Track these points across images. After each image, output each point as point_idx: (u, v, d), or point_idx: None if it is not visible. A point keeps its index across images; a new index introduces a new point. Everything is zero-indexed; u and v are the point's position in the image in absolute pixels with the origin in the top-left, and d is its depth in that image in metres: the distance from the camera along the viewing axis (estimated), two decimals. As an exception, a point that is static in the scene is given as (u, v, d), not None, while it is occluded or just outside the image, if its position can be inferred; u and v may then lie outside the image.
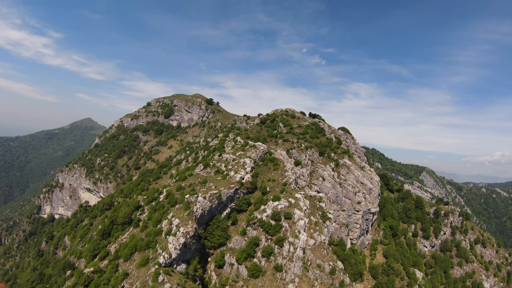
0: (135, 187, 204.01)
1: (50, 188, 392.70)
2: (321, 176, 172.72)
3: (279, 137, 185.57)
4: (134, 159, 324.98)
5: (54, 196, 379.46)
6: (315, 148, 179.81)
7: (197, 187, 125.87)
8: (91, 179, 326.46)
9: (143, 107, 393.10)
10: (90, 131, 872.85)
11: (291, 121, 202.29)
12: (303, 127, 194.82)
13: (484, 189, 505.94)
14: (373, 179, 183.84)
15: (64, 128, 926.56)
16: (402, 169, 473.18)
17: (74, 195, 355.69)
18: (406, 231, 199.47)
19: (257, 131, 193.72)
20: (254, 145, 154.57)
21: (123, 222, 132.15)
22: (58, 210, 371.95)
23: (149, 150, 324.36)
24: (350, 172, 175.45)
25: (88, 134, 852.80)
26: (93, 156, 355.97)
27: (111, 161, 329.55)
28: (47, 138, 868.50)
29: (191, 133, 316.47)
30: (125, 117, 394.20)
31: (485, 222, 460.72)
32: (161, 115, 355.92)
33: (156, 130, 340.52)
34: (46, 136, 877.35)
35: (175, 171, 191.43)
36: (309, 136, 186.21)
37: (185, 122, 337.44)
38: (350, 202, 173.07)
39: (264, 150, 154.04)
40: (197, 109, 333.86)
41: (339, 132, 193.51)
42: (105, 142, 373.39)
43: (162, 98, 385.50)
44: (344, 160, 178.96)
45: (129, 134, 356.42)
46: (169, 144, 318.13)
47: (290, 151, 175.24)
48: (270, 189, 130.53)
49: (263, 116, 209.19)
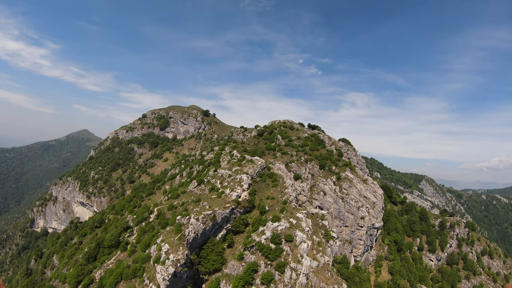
0: (127, 203, 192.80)
1: (44, 201, 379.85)
2: (322, 191, 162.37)
3: (277, 150, 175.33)
4: (128, 172, 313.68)
5: (48, 210, 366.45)
6: (315, 161, 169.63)
7: (190, 207, 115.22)
8: (85, 193, 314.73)
9: (139, 119, 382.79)
10: (87, 142, 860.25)
11: (289, 133, 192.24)
12: (302, 139, 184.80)
13: (484, 196, 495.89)
14: (376, 192, 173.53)
15: (60, 140, 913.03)
16: (402, 178, 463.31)
17: (67, 209, 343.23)
18: (411, 245, 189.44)
19: (254, 144, 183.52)
20: (251, 160, 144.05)
21: (110, 245, 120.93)
22: (51, 224, 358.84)
23: (144, 163, 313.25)
24: (353, 185, 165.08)
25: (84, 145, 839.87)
26: (87, 169, 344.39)
27: (105, 175, 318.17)
28: (43, 149, 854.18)
29: (187, 145, 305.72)
30: (120, 129, 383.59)
31: (486, 229, 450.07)
32: (156, 127, 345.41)
33: (151, 142, 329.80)
34: (42, 147, 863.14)
35: (169, 186, 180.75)
36: (308, 148, 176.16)
37: (181, 134, 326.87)
38: (353, 217, 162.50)
39: (262, 165, 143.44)
40: (193, 121, 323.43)
41: (340, 144, 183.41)
42: (100, 155, 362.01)
43: (158, 109, 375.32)
44: (346, 173, 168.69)
45: (124, 146, 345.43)
46: (165, 157, 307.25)
47: (289, 165, 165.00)
48: (269, 208, 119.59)
49: (260, 128, 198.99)
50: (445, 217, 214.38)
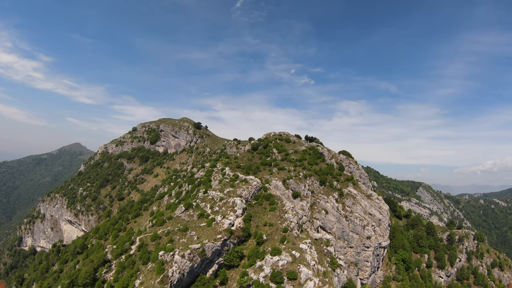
0: (112, 226, 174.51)
1: (31, 218, 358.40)
2: (324, 209, 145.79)
3: (273, 165, 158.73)
4: (117, 188, 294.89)
5: (36, 228, 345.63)
6: (315, 177, 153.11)
7: (176, 237, 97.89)
8: (73, 210, 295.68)
9: (129, 132, 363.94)
10: (79, 156, 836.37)
11: (285, 146, 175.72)
12: (299, 153, 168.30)
13: (482, 201, 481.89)
14: (382, 209, 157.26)
15: (52, 153, 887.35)
16: (399, 186, 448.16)
17: (55, 227, 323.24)
18: (420, 262, 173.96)
19: (248, 159, 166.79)
20: (245, 180, 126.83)
21: (85, 283, 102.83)
22: (39, 242, 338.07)
23: (134, 179, 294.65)
24: (357, 202, 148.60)
25: (76, 159, 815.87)
26: (76, 185, 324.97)
27: (93, 191, 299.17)
28: (34, 163, 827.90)
29: (178, 159, 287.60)
30: (110, 144, 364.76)
31: (486, 234, 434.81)
32: (147, 140, 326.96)
33: (141, 157, 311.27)
34: (34, 161, 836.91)
35: (156, 207, 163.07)
36: (307, 162, 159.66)
37: (172, 148, 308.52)
38: (358, 237, 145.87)
39: (258, 186, 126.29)
40: (185, 134, 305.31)
41: (341, 157, 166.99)
42: (89, 170, 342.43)
43: (148, 122, 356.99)
44: (349, 188, 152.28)
45: (113, 161, 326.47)
46: (155, 172, 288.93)
47: (287, 181, 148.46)
48: (268, 236, 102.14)
49: (254, 141, 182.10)
50: (453, 230, 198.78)
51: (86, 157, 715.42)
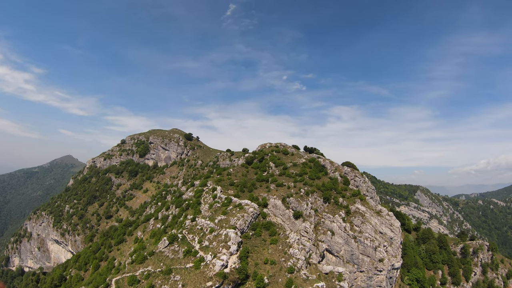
0: (93, 254, 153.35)
1: (18, 237, 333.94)
2: (330, 230, 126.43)
3: (271, 181, 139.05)
4: (105, 205, 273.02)
5: (23, 247, 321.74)
6: (317, 193, 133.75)
7: (157, 281, 77.82)
8: (59, 230, 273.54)
9: (117, 145, 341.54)
10: (71, 169, 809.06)
11: (283, 159, 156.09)
12: (299, 166, 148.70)
13: (481, 201, 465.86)
14: (393, 226, 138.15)
15: (43, 167, 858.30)
16: (396, 191, 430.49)
17: (42, 246, 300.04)
18: (434, 280, 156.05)
19: (242, 174, 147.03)
20: (240, 205, 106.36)
21: None
22: (27, 262, 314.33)
23: (122, 195, 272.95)
24: (366, 221, 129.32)
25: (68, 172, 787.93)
26: (62, 202, 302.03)
27: (80, 209, 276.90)
28: (26, 177, 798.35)
29: (169, 173, 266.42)
30: (98, 157, 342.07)
31: (486, 235, 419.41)
32: (136, 153, 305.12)
33: (130, 171, 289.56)
34: (25, 175, 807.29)
35: (141, 232, 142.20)
36: (308, 177, 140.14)
37: (162, 161, 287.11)
38: (369, 260, 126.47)
39: (255, 213, 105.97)
40: (175, 146, 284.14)
41: (345, 169, 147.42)
42: (76, 186, 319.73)
43: (138, 134, 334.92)
44: (356, 205, 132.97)
45: (101, 176, 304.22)
46: (145, 187, 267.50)
47: (286, 200, 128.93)
48: (270, 279, 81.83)
49: (249, 154, 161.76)
50: (466, 242, 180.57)
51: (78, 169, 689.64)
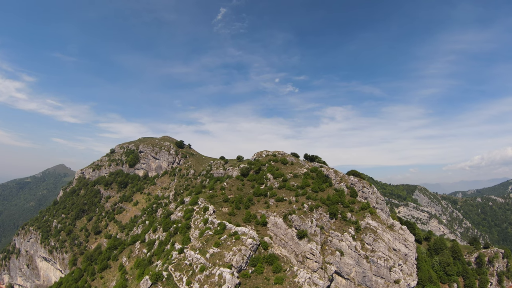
0: (74, 283, 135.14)
1: (7, 254, 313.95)
2: (338, 250, 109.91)
3: (269, 196, 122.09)
4: (94, 220, 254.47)
5: (12, 264, 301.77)
6: (322, 208, 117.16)
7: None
8: (47, 246, 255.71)
9: (106, 155, 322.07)
10: (63, 178, 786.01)
11: (282, 170, 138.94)
12: (300, 177, 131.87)
13: (480, 199, 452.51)
14: (407, 241, 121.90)
15: (36, 176, 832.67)
16: (394, 191, 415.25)
17: (31, 263, 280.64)
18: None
19: (237, 188, 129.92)
20: (236, 234, 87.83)
21: None
22: (17, 280, 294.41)
23: (112, 208, 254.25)
24: (378, 238, 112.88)
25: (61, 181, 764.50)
26: (50, 216, 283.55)
27: (68, 224, 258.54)
28: (18, 187, 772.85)
29: (160, 184, 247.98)
30: (86, 168, 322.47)
31: (487, 232, 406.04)
32: (125, 163, 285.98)
33: (119, 182, 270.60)
34: (17, 185, 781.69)
35: (126, 257, 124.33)
36: (311, 189, 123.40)
37: (153, 171, 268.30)
38: (383, 282, 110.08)
39: (254, 244, 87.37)
40: (166, 154, 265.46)
41: (351, 179, 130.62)
42: (65, 199, 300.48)
43: (127, 143, 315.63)
44: (366, 220, 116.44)
45: (90, 188, 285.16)
46: (135, 199, 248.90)
47: (288, 217, 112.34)
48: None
49: (244, 165, 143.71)
50: (481, 250, 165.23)
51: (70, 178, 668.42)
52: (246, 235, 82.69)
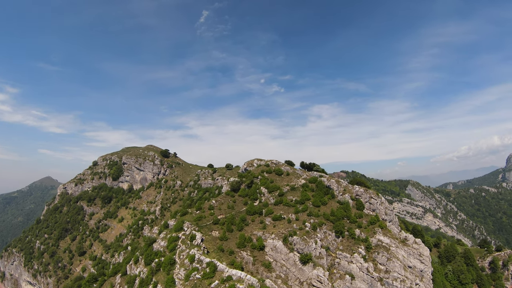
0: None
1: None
2: (348, 273, 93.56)
3: (265, 214, 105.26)
4: (78, 240, 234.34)
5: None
6: (327, 225, 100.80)
7: None
8: (30, 270, 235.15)
9: (89, 167, 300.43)
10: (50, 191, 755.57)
11: (277, 182, 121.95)
12: (298, 190, 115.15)
13: (472, 190, 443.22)
14: (423, 255, 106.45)
15: (23, 190, 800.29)
16: (387, 187, 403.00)
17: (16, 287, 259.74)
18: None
19: (228, 206, 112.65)
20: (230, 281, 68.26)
21: None
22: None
23: (96, 226, 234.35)
24: (392, 256, 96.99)
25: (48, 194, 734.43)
26: (33, 236, 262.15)
27: (51, 245, 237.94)
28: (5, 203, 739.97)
29: (146, 197, 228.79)
30: (69, 183, 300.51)
31: (482, 223, 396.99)
32: (108, 176, 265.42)
33: (103, 197, 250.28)
34: (4, 201, 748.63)
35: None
36: (311, 204, 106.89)
37: (138, 183, 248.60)
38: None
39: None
40: (150, 165, 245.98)
41: (356, 190, 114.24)
42: (47, 216, 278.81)
43: (110, 154, 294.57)
44: (377, 236, 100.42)
45: (72, 205, 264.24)
46: (120, 215, 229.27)
47: (288, 239, 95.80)
48: None
49: (234, 179, 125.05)
50: (493, 253, 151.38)
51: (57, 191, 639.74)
52: (243, 283, 65.25)
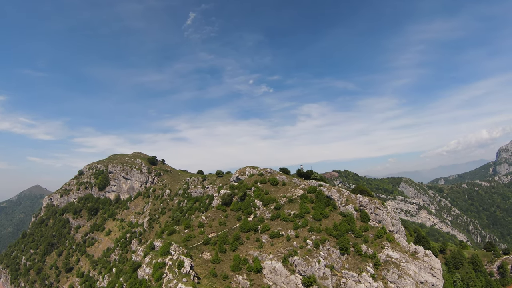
0: None
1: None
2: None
3: (261, 231, 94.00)
4: (64, 255, 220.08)
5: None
6: (330, 241, 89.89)
7: None
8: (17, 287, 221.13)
9: (75, 177, 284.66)
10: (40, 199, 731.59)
11: (273, 193, 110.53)
12: (296, 202, 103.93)
13: (465, 184, 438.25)
14: (434, 268, 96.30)
15: (11, 200, 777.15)
16: (380, 185, 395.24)
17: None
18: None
19: (220, 223, 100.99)
20: None
21: None
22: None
23: (83, 240, 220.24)
24: (403, 273, 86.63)
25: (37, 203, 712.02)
26: (19, 251, 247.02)
27: (37, 261, 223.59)
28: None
29: (133, 208, 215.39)
30: (54, 194, 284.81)
31: (476, 217, 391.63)
32: (94, 186, 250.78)
33: (89, 208, 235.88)
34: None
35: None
36: (312, 217, 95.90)
37: (125, 193, 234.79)
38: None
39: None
40: (137, 174, 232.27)
41: (360, 199, 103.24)
42: (34, 230, 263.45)
43: (96, 163, 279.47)
44: (386, 251, 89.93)
45: (58, 217, 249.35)
46: (107, 227, 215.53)
47: (289, 260, 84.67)
48: None
49: (226, 192, 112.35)
50: (501, 257, 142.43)
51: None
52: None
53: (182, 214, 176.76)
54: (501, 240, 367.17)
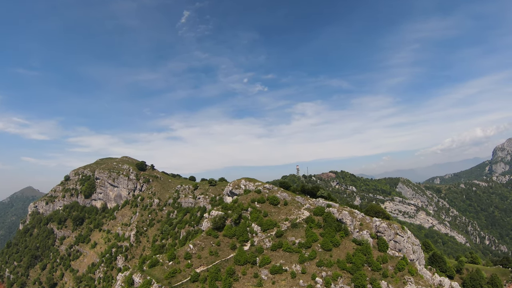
0: None
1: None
2: None
3: (260, 264, 77.11)
4: (48, 269, 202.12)
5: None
6: (344, 277, 73.26)
7: None
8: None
9: (61, 183, 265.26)
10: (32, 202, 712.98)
11: (273, 215, 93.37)
12: (301, 226, 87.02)
13: (463, 184, 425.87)
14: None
15: (3, 202, 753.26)
16: (378, 186, 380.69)
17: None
18: None
19: (210, 252, 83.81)
20: None
21: None
22: None
23: (67, 252, 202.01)
24: (432, 317, 70.64)
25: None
26: (3, 263, 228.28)
27: (21, 274, 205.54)
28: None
29: (120, 218, 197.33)
30: (40, 201, 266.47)
31: (474, 218, 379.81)
32: (80, 194, 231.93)
33: (75, 218, 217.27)
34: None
35: None
36: (320, 247, 79.30)
37: (112, 201, 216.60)
38: None
39: None
40: (125, 180, 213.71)
41: (376, 224, 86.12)
42: (18, 239, 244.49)
43: (82, 168, 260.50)
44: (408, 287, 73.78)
45: (42, 227, 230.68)
46: (93, 239, 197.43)
47: (294, 304, 68.11)
48: None
49: (218, 214, 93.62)
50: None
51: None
52: None
53: (171, 227, 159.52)
54: (500, 241, 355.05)
